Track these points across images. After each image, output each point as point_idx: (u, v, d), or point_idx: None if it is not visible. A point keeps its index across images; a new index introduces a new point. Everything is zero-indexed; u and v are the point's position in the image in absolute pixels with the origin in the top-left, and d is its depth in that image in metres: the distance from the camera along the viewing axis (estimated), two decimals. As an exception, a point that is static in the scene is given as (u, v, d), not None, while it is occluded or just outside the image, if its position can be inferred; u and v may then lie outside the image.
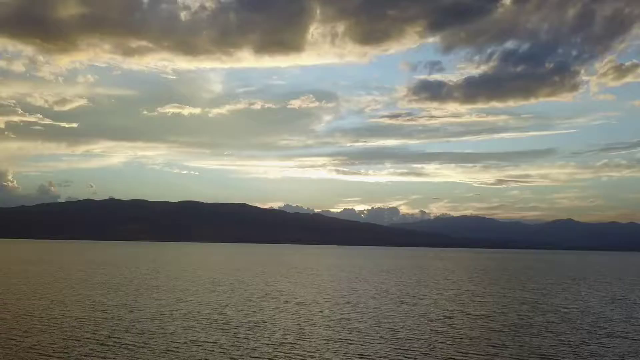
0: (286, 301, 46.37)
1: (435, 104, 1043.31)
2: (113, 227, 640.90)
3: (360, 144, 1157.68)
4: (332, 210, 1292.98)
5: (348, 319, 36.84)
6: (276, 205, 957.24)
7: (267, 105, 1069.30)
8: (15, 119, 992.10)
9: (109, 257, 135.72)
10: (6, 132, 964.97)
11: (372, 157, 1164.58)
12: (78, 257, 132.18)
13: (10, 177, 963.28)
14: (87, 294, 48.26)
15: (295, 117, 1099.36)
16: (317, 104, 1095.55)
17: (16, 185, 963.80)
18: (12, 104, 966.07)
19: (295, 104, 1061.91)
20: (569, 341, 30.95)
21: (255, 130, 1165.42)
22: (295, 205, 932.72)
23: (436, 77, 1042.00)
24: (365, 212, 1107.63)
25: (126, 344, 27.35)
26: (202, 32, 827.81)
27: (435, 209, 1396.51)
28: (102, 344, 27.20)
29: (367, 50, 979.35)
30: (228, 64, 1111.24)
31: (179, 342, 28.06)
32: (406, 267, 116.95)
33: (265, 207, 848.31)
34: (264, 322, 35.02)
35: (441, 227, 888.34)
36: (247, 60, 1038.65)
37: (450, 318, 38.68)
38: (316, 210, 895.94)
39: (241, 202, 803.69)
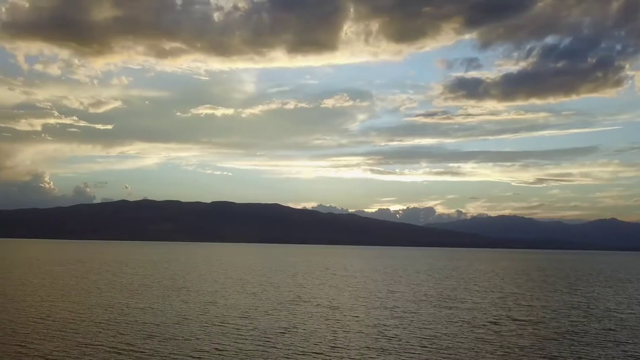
0: (318, 305, 44.23)
1: (472, 102, 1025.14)
2: (147, 228, 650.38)
3: (395, 143, 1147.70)
4: (366, 210, 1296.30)
5: (385, 325, 34.51)
6: (309, 205, 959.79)
7: (300, 104, 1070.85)
8: (52, 121, 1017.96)
9: (140, 258, 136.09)
10: (43, 135, 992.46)
11: (408, 157, 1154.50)
12: (109, 257, 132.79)
13: (47, 179, 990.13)
14: (112, 296, 47.12)
15: (329, 116, 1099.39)
16: (351, 103, 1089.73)
17: (53, 186, 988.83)
18: (49, 107, 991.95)
19: (328, 103, 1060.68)
20: (634, 352, 28.08)
21: (288, 130, 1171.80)
22: (328, 205, 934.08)
23: (473, 74, 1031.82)
24: (400, 212, 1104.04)
25: (146, 352, 25.61)
26: (234, 33, 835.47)
27: (472, 209, 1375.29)
28: (120, 352, 25.55)
29: (401, 48, 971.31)
30: (261, 64, 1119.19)
31: (202, 350, 26.20)
32: (444, 268, 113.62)
33: (298, 207, 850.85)
34: (294, 328, 33.00)
35: (478, 227, 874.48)
36: (280, 60, 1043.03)
37: (496, 324, 35.94)
38: (350, 211, 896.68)
39: (274, 203, 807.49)
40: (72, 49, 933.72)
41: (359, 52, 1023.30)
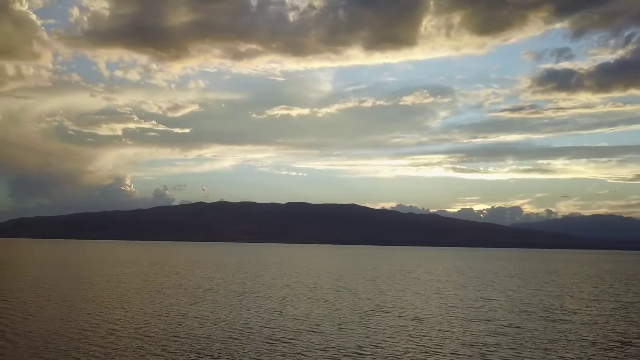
0: (401, 316, 38.93)
1: (563, 95, 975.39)
2: (223, 229, 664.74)
3: (478, 140, 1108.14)
4: (448, 210, 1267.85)
5: (486, 344, 28.70)
6: (388, 205, 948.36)
7: (378, 102, 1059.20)
8: (132, 125, 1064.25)
9: (212, 259, 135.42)
10: (123, 139, 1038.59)
11: (492, 154, 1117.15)
12: (182, 259, 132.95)
13: (128, 182, 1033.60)
14: (172, 303, 43.90)
15: (408, 113, 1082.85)
16: (431, 99, 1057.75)
17: (133, 189, 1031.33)
18: (129, 112, 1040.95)
19: (408, 100, 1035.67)
20: None
21: (365, 129, 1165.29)
22: (408, 205, 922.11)
23: (564, 65, 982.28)
24: (484, 211, 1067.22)
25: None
26: (310, 32, 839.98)
27: (564, 208, 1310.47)
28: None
29: (485, 41, 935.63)
30: (337, 62, 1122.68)
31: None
32: (539, 272, 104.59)
33: (377, 207, 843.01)
34: (373, 345, 27.93)
35: (570, 227, 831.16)
36: (356, 57, 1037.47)
37: (628, 345, 29.45)
38: (431, 210, 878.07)
39: (351, 203, 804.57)
40: (150, 55, 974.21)
41: (439, 47, 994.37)
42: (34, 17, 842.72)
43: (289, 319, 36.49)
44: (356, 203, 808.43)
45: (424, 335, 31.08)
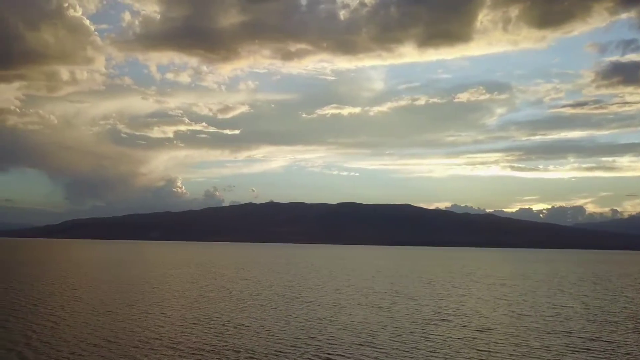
0: (464, 325, 35.18)
1: (630, 89, 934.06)
2: (273, 230, 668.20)
3: (538, 138, 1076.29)
4: (505, 210, 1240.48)
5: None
6: (443, 205, 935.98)
7: (431, 100, 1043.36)
8: (183, 128, 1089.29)
9: (260, 261, 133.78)
10: (175, 141, 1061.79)
11: (553, 151, 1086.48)
12: (230, 260, 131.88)
13: (179, 184, 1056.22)
14: (213, 308, 41.44)
15: (463, 111, 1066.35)
16: (487, 96, 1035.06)
17: (184, 190, 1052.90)
18: (180, 114, 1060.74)
19: (463, 97, 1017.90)
20: None
21: (419, 128, 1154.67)
22: (464, 205, 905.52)
23: (631, 57, 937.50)
24: (544, 211, 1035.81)
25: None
26: (361, 30, 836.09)
27: (630, 207, 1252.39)
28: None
29: (545, 34, 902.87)
30: (389, 60, 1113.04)
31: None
32: (611, 275, 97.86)
33: (431, 207, 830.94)
34: (437, 362, 24.81)
35: (638, 228, 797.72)
36: (409, 55, 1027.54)
37: None
38: (488, 210, 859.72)
39: (404, 203, 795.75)
40: (200, 57, 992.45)
41: (496, 42, 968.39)
42: (87, 22, 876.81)
43: (340, 328, 33.39)
44: (410, 203, 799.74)
45: (495, 351, 27.31)
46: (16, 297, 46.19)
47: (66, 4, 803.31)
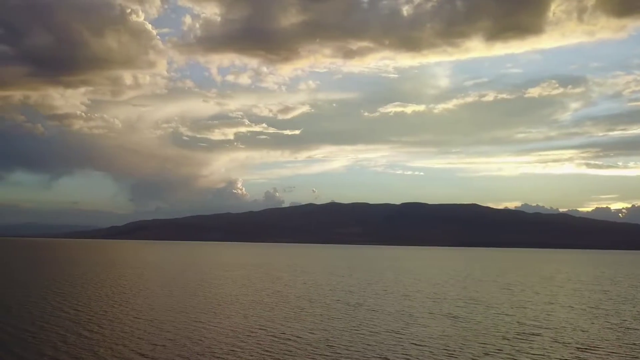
0: (560, 341, 30.01)
1: None
2: (334, 231, 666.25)
3: (616, 133, 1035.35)
4: (580, 209, 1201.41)
5: None
6: (512, 205, 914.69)
7: (500, 96, 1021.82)
8: (243, 129, 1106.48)
9: (320, 263, 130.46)
10: (235, 143, 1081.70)
11: (633, 147, 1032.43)
12: (289, 262, 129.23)
13: (239, 185, 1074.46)
14: (270, 315, 37.93)
15: (535, 107, 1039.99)
16: (560, 90, 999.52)
17: (245, 192, 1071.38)
18: (240, 116, 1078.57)
19: (534, 92, 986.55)
20: None
21: (486, 125, 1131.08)
22: (535, 204, 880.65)
23: None
24: (623, 211, 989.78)
25: None
26: (425, 25, 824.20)
27: None
28: None
29: (625, 23, 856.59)
30: (455, 56, 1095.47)
31: None
32: None
33: (500, 207, 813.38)
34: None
35: None
36: (476, 50, 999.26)
37: None
38: (561, 210, 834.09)
39: (471, 203, 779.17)
40: (261, 58, 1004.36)
41: (570, 33, 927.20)
42: (149, 27, 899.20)
43: (414, 343, 29.05)
44: (477, 203, 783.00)
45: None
46: (61, 300, 44.27)
47: (129, 10, 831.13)
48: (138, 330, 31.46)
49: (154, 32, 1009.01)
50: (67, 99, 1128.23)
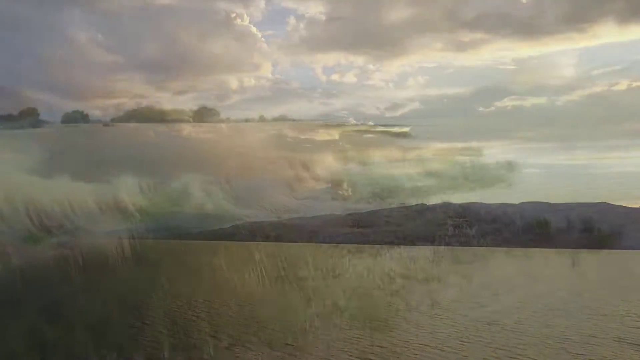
0: None
1: None
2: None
3: None
4: None
5: None
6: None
7: (635, 84, 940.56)
8: (349, 129, 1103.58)
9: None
10: (340, 143, 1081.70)
11: None
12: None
13: (345, 187, 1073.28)
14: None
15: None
16: None
17: (351, 194, 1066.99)
18: (345, 115, 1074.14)
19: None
20: None
21: (618, 116, 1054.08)
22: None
23: None
24: None
25: None
26: (547, 11, 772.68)
27: None
28: None
29: None
30: (581, 42, 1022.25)
31: None
32: None
33: (634, 206, 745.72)
34: None
35: None
36: (606, 35, 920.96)
37: None
38: None
39: (601, 201, 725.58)
40: (367, 55, 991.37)
41: None
42: (254, 30, 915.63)
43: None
44: (607, 202, 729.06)
45: None
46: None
47: (234, 14, 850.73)
48: None
49: (259, 34, 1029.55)
50: (176, 106, 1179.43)
